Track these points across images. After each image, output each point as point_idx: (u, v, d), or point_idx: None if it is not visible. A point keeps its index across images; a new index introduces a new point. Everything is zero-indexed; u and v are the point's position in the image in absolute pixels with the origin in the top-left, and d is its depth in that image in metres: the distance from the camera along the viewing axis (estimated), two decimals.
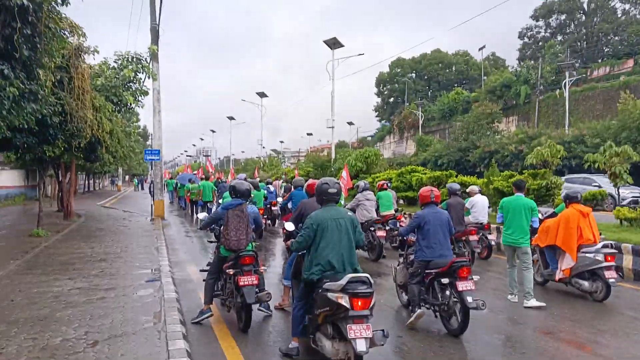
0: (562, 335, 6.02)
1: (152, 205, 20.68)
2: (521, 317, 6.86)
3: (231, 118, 71.29)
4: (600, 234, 8.27)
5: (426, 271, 6.31)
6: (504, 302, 7.59)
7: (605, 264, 7.56)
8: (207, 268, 6.84)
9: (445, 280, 6.02)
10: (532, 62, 60.13)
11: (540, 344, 5.74)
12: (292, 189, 11.38)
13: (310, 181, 7.40)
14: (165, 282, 8.00)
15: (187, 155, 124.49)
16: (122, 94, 16.16)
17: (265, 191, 17.15)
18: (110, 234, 14.38)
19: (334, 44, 31.68)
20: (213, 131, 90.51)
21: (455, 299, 5.92)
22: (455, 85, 77.15)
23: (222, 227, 6.33)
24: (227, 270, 6.11)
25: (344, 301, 4.33)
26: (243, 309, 5.93)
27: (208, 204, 19.54)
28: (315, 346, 4.85)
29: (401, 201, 20.56)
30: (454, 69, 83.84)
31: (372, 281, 4.55)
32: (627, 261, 9.51)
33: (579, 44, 67.62)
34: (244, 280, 5.85)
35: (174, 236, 15.21)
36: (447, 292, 6.05)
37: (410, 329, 6.16)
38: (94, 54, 15.18)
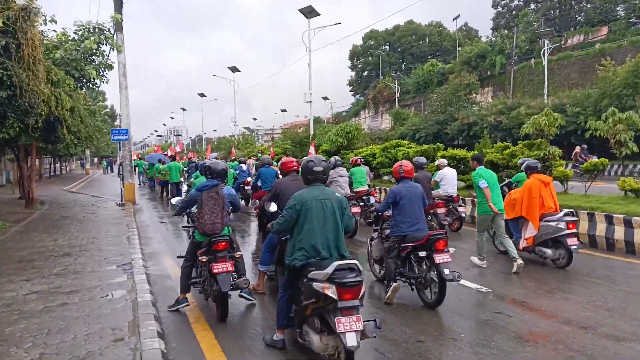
0: (529, 300, 6.41)
1: (121, 189, 19.42)
2: (498, 286, 7.04)
3: (202, 95, 69.66)
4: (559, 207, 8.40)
5: (402, 245, 6.30)
6: (477, 272, 7.84)
7: (567, 231, 7.79)
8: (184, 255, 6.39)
9: (422, 254, 6.04)
10: (506, 31, 59.53)
11: (516, 314, 5.88)
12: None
13: (284, 159, 7.02)
14: (139, 280, 6.96)
15: (157, 135, 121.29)
16: (84, 68, 14.77)
17: (237, 171, 16.82)
18: (76, 223, 13.15)
19: (309, 12, 30.18)
20: (183, 109, 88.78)
21: (432, 272, 5.98)
22: (429, 57, 76.49)
23: (196, 210, 5.98)
24: (200, 257, 5.73)
25: (331, 292, 3.97)
26: (219, 298, 5.58)
27: (178, 185, 18.77)
28: (303, 341, 4.43)
29: (386, 177, 19.87)
30: (427, 40, 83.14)
31: (361, 268, 4.21)
32: (582, 227, 9.71)
33: (552, 12, 67.25)
34: (218, 267, 5.48)
35: (146, 222, 14.07)
36: (424, 265, 6.14)
37: (387, 304, 6.15)
38: (49, 23, 13.88)
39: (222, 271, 5.45)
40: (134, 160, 31.02)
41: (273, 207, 5.79)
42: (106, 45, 15.94)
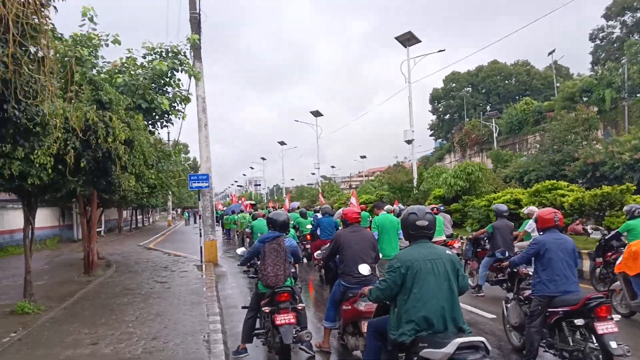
0: None
1: (201, 247, 16.01)
2: None
3: (282, 143, 68.30)
4: None
5: (549, 310, 5.19)
6: None
7: None
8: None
9: (579, 322, 4.90)
10: (612, 63, 53.52)
11: None
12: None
13: (347, 209, 6.65)
14: None
15: (237, 186, 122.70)
16: (155, 98, 11.64)
17: (313, 219, 15.36)
18: (137, 302, 9.48)
19: (407, 39, 26.39)
20: (263, 158, 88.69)
21: (591, 344, 4.77)
22: (517, 97, 71.92)
23: (259, 262, 5.86)
24: (263, 308, 5.63)
25: None
26: (281, 350, 5.32)
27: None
28: None
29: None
30: (513, 80, 78.96)
31: (488, 347, 3.27)
32: None
33: None
34: (280, 319, 5.29)
35: (232, 298, 10.23)
36: (579, 335, 5.00)
37: None
38: (112, 44, 11.19)
39: (285, 323, 5.28)
40: (217, 210, 29.08)
41: (363, 269, 5.32)
42: (181, 72, 12.87)
